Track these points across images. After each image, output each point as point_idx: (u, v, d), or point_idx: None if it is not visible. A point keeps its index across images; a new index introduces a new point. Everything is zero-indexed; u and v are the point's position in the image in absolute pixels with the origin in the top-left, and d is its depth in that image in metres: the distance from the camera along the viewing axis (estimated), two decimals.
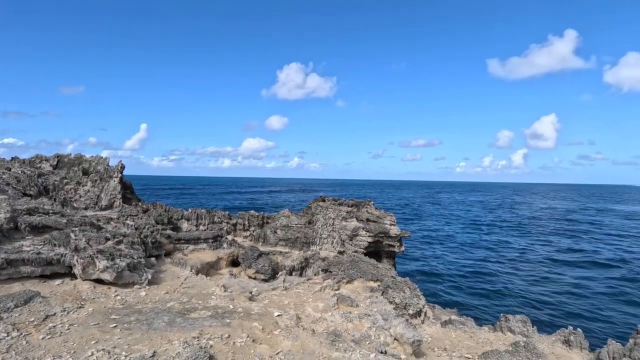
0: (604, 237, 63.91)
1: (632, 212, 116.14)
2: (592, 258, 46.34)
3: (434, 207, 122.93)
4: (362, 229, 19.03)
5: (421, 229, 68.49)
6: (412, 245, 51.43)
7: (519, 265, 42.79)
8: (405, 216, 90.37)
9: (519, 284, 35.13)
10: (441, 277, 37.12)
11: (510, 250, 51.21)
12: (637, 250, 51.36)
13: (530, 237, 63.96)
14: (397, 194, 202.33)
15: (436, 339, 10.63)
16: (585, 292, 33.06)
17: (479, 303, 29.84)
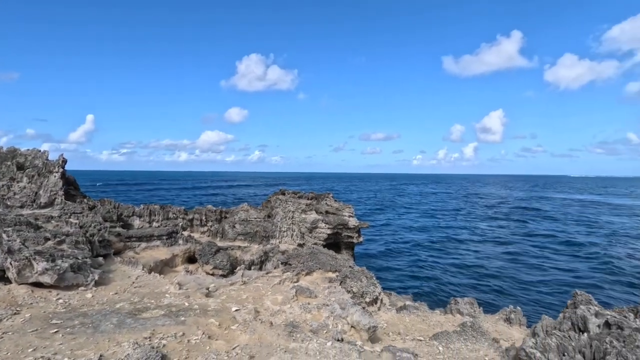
0: (549, 222, 70.19)
1: (566, 199, 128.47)
2: (540, 242, 50.66)
3: (399, 198, 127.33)
4: (322, 221, 19.29)
5: (387, 220, 70.71)
6: (377, 235, 53.06)
7: (474, 250, 45.71)
8: (376, 206, 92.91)
9: (472, 268, 37.58)
10: (402, 265, 38.68)
11: (469, 237, 54.47)
12: (579, 234, 56.92)
13: (485, 222, 68.53)
14: (364, 187, 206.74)
15: (391, 324, 11.11)
16: (530, 272, 36.16)
17: (436, 287, 31.54)
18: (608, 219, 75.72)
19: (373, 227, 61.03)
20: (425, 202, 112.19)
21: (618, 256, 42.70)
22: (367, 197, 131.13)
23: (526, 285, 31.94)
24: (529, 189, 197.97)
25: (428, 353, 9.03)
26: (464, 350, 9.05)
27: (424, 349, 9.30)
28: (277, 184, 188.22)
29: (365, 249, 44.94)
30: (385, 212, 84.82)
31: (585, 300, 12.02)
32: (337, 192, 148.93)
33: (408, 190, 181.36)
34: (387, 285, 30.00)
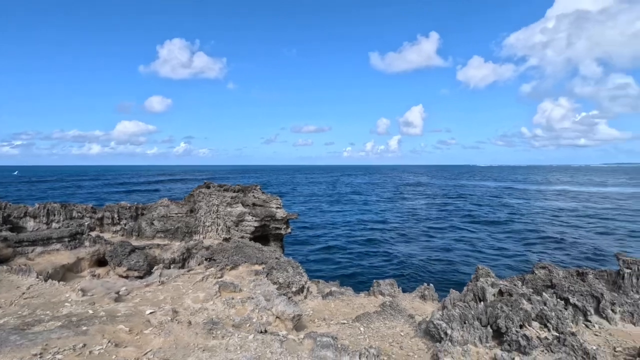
0: (464, 204, 78.39)
1: (477, 185, 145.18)
2: (455, 223, 56.24)
3: (339, 189, 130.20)
4: (248, 214, 18.81)
5: (328, 212, 71.91)
6: (312, 226, 53.79)
7: (399, 234, 48.99)
8: (326, 199, 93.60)
9: (398, 250, 40.30)
10: (333, 253, 39.80)
11: (395, 223, 58.10)
12: (490, 214, 64.53)
13: (413, 208, 73.88)
14: (315, 179, 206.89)
15: (317, 310, 11.35)
16: (447, 251, 40.08)
17: (364, 271, 33.16)
18: (510, 201, 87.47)
19: (314, 218, 61.85)
20: (366, 193, 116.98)
21: (519, 229, 49.85)
22: (318, 189, 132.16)
23: (442, 263, 35.40)
24: (447, 178, 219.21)
25: (350, 335, 9.41)
26: (383, 328, 9.62)
27: (347, 331, 9.68)
28: (214, 177, 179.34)
29: (304, 238, 45.54)
30: (333, 204, 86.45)
31: (485, 273, 13.61)
32: (296, 184, 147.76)
33: (347, 181, 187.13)
34: (319, 274, 30.76)
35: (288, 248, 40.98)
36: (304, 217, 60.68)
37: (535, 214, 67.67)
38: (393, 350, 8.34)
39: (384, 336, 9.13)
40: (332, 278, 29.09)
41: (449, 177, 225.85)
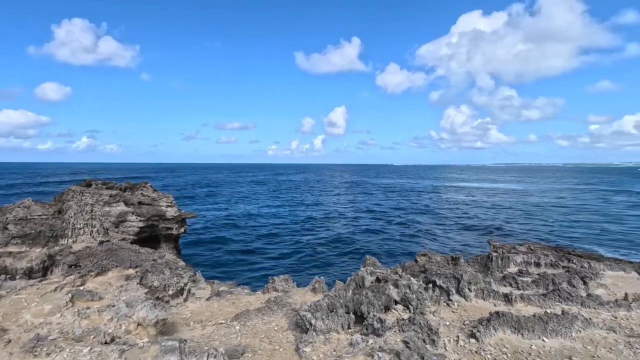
0: (376, 200, 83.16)
1: (390, 183, 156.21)
2: (364, 217, 59.22)
3: (261, 187, 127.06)
4: (132, 214, 16.95)
5: (237, 211, 69.40)
6: (228, 226, 51.51)
7: (309, 230, 49.81)
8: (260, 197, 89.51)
9: (307, 245, 40.92)
10: (248, 252, 38.71)
11: (311, 219, 58.91)
12: (397, 209, 69.31)
13: (328, 205, 75.73)
14: (245, 177, 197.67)
15: (197, 313, 10.63)
16: (350, 243, 41.94)
17: (268, 269, 32.89)
18: (420, 197, 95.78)
19: (241, 217, 59.29)
20: (301, 191, 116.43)
21: (424, 221, 54.61)
22: (250, 188, 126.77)
23: (342, 256, 37.05)
24: (365, 175, 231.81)
25: (224, 334, 8.95)
26: (259, 324, 9.36)
27: (222, 331, 9.19)
28: (124, 177, 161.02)
29: (228, 238, 43.50)
30: (267, 202, 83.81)
31: (371, 262, 14.30)
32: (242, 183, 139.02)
33: (282, 179, 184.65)
34: (231, 274, 29.57)
35: (207, 249, 38.80)
36: (232, 217, 58.36)
37: (441, 207, 75.27)
38: (262, 345, 8.11)
39: (257, 332, 8.87)
40: (244, 278, 28.26)
41: (370, 175, 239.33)
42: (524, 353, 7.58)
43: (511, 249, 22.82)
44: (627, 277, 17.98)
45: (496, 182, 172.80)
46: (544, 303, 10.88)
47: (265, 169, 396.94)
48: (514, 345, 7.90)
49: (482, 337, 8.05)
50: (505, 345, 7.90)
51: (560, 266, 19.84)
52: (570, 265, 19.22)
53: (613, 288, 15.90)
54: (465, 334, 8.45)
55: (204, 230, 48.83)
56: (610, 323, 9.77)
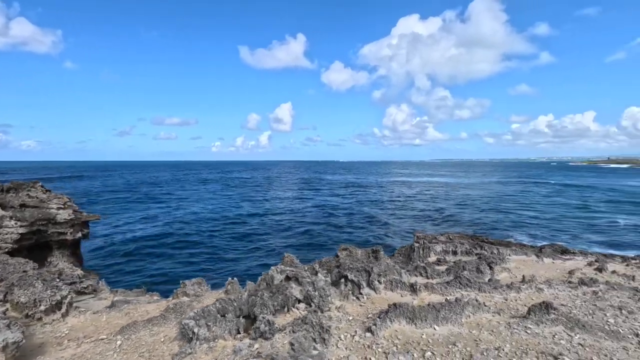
0: (321, 196, 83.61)
1: (338, 179, 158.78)
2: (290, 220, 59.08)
3: (209, 185, 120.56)
4: (10, 218, 14.63)
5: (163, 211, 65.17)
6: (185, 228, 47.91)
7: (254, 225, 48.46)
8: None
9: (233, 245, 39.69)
10: (192, 255, 36.36)
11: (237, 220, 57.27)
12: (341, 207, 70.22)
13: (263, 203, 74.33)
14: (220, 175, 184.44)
15: (77, 329, 9.33)
16: (266, 241, 41.59)
17: (222, 272, 31.29)
18: (368, 191, 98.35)
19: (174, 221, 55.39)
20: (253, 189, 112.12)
21: (369, 213, 55.87)
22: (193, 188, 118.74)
23: (297, 252, 36.63)
24: (314, 171, 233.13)
25: (100, 352, 7.88)
26: (146, 337, 8.42)
27: (99, 348, 8.10)
28: (38, 177, 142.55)
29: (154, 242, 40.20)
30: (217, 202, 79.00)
31: (289, 260, 13.88)
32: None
33: (230, 177, 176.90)
34: (159, 281, 27.43)
35: (142, 254, 35.57)
36: (177, 219, 54.46)
37: (387, 200, 77.96)
38: None
39: (140, 346, 7.94)
40: (161, 283, 26.35)
41: (316, 172, 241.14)
42: (414, 343, 7.64)
43: (432, 239, 24.01)
44: (527, 261, 19.73)
45: (433, 177, 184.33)
46: (445, 291, 11.33)
47: (210, 167, 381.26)
48: (406, 336, 7.95)
49: (378, 330, 8.00)
50: (398, 336, 7.93)
51: (473, 253, 21.23)
52: (482, 252, 20.64)
53: (515, 271, 17.28)
54: (363, 328, 8.36)
55: (143, 233, 45.18)
56: (500, 306, 10.42)
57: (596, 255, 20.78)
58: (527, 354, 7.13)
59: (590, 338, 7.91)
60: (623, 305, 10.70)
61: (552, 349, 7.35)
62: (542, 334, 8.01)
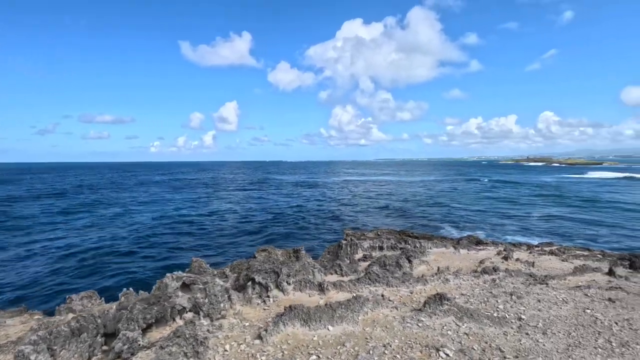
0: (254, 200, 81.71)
1: (287, 179, 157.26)
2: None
3: (149, 188, 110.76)
4: None
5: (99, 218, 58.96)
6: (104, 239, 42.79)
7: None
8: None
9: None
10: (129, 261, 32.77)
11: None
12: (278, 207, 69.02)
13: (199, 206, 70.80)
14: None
15: None
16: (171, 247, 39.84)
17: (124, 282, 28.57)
18: (313, 191, 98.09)
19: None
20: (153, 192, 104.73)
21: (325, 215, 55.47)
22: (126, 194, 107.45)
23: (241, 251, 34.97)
24: (263, 171, 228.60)
25: None
26: None
27: None
28: None
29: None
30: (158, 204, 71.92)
31: (197, 265, 12.83)
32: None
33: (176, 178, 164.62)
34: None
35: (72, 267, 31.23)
36: (116, 227, 48.89)
37: (334, 198, 78.32)
38: None
39: None
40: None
41: (263, 172, 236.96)
42: (303, 347, 7.21)
43: (360, 236, 24.28)
44: (446, 253, 20.63)
45: (378, 175, 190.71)
46: (354, 288, 11.18)
47: (150, 168, 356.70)
48: (298, 339, 7.50)
49: (268, 336, 7.44)
50: (289, 341, 7.45)
51: (398, 248, 21.75)
52: (405, 247, 21.19)
53: (433, 263, 17.89)
54: (254, 335, 7.76)
55: (66, 248, 40.05)
56: (405, 299, 10.48)
57: (505, 245, 22.52)
58: (413, 348, 7.05)
59: (476, 326, 8.12)
60: (515, 290, 11.39)
61: (438, 340, 7.37)
62: (433, 326, 8.05)
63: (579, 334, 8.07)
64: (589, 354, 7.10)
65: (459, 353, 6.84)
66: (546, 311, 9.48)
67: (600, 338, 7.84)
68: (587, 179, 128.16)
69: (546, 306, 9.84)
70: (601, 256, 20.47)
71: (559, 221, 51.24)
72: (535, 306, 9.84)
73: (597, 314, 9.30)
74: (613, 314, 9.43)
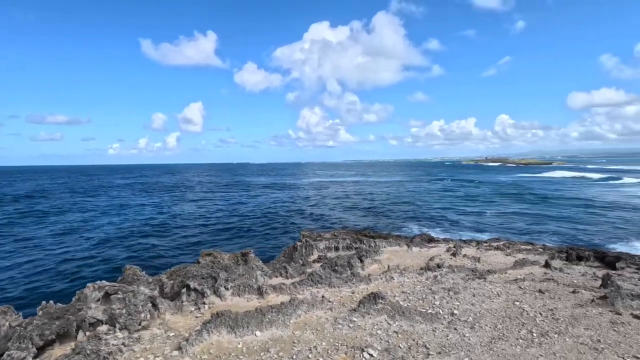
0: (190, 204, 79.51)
1: (254, 180, 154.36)
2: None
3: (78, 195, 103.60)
4: None
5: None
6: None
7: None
8: None
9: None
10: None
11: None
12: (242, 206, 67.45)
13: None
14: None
15: None
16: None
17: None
18: (280, 193, 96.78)
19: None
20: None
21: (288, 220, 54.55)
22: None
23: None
24: (228, 174, 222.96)
25: None
26: None
27: None
28: None
29: None
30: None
31: (131, 273, 12.01)
32: None
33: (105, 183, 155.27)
34: None
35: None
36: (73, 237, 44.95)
37: (302, 199, 77.62)
38: None
39: None
40: None
41: (230, 175, 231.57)
42: (225, 355, 6.83)
43: (317, 237, 24.11)
44: (399, 251, 20.89)
45: (346, 176, 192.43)
46: (295, 290, 10.92)
47: (108, 171, 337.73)
48: (221, 348, 7.10)
49: (189, 346, 6.98)
50: (211, 350, 7.03)
51: (353, 248, 21.76)
52: (361, 246, 21.22)
53: (385, 262, 17.99)
54: (175, 346, 7.26)
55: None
56: (344, 300, 10.35)
57: (455, 242, 23.24)
58: (339, 350, 6.88)
59: (407, 324, 8.11)
60: (454, 286, 11.62)
61: (366, 340, 7.25)
62: (364, 325, 7.95)
63: (504, 326, 8.28)
64: (509, 346, 7.26)
65: (384, 352, 6.75)
66: (479, 305, 9.70)
67: (524, 329, 8.08)
68: (539, 178, 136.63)
69: (480, 300, 10.09)
70: (542, 250, 21.61)
71: (512, 217, 53.98)
72: (470, 300, 10.05)
73: (525, 306, 9.64)
74: (540, 304, 9.82)
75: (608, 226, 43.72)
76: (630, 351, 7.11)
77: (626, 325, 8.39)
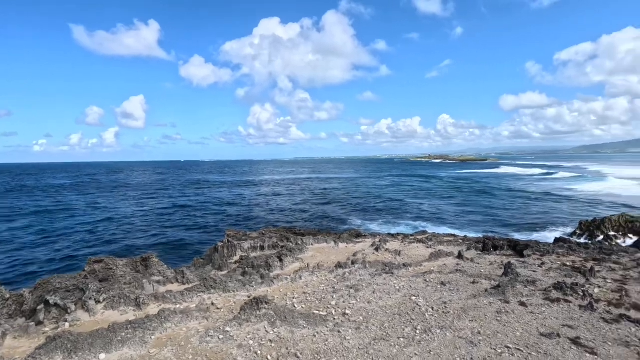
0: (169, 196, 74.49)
1: (202, 179, 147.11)
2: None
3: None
4: None
5: None
6: None
7: None
8: None
9: None
10: None
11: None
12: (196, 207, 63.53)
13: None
14: None
15: None
16: None
17: None
18: (229, 191, 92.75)
19: None
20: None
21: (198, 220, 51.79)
22: None
23: None
24: (173, 174, 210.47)
25: None
26: None
27: None
28: None
29: None
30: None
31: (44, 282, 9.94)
32: None
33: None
34: None
35: None
36: None
37: (249, 198, 74.80)
38: None
39: None
40: None
41: (177, 173, 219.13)
42: None
43: (242, 236, 22.91)
44: (326, 248, 20.40)
45: (298, 174, 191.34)
46: (182, 298, 9.77)
47: (33, 170, 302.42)
48: None
49: None
50: None
51: (279, 246, 20.90)
52: (287, 244, 20.41)
53: (308, 260, 17.33)
54: None
55: None
56: (235, 306, 9.39)
57: (381, 236, 23.36)
58: None
59: (287, 330, 7.40)
60: (358, 283, 11.23)
61: (230, 354, 6.39)
62: (237, 336, 7.09)
63: (391, 324, 7.92)
64: (388, 347, 6.85)
65: None
66: (375, 303, 9.33)
67: (409, 326, 7.77)
68: (482, 174, 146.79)
69: (377, 297, 9.74)
70: (462, 241, 22.42)
71: (449, 209, 56.99)
72: (368, 298, 9.66)
73: (420, 300, 9.45)
74: (436, 298, 9.70)
75: (534, 216, 47.71)
76: (504, 341, 7.04)
77: (510, 314, 8.45)
